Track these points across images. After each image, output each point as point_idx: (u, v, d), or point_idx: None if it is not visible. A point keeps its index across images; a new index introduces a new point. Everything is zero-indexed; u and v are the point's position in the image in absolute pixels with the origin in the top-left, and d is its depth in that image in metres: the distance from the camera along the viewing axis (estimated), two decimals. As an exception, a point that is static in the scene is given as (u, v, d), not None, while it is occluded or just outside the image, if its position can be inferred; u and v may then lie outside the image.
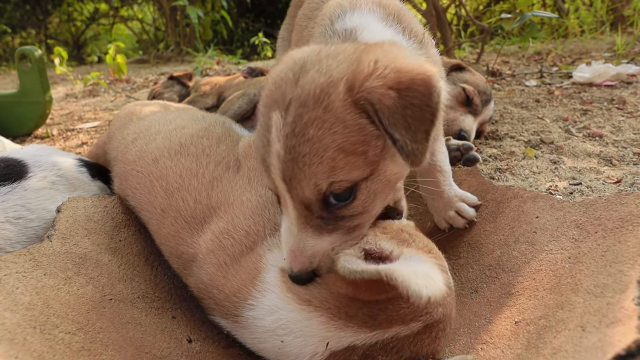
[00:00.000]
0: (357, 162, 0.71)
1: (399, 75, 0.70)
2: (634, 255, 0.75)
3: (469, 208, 1.19)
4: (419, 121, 0.68)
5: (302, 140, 0.70)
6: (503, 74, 3.07)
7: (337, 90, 0.70)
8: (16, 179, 1.07)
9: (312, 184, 0.71)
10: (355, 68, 0.71)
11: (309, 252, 0.77)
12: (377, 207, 0.79)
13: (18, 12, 8.18)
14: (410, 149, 0.68)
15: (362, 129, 0.70)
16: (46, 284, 0.88)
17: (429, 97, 0.69)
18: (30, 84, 2.31)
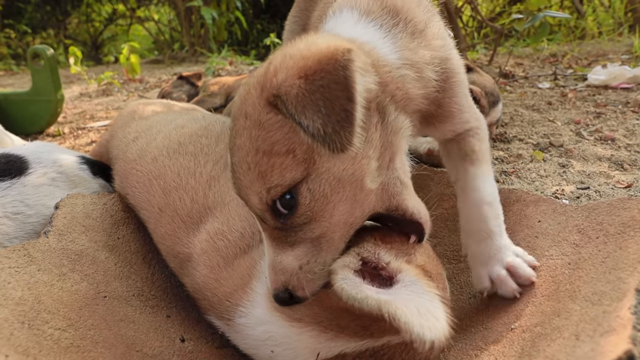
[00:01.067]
0: (285, 162, 0.67)
1: (305, 61, 0.66)
2: (634, 262, 0.72)
3: (526, 267, 0.90)
4: (331, 101, 0.63)
5: (235, 151, 0.72)
6: (516, 76, 3.02)
7: (251, 96, 0.71)
8: (16, 174, 1.08)
9: (253, 194, 0.71)
10: (267, 68, 0.71)
11: (278, 268, 0.75)
12: (338, 212, 0.71)
13: (38, 13, 8.38)
14: (324, 133, 0.62)
15: (281, 127, 0.67)
16: (39, 279, 0.89)
17: (335, 72, 0.63)
18: (42, 83, 2.35)
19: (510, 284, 0.89)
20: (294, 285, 0.74)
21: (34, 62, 2.34)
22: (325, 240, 0.73)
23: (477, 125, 0.99)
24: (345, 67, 0.64)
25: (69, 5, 8.67)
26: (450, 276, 1.15)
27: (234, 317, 0.88)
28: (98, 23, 9.06)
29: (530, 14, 2.17)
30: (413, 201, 0.81)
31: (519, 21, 2.19)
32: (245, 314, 0.86)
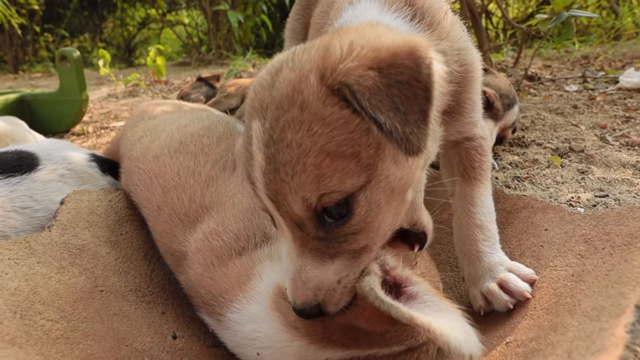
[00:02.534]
0: (348, 167, 0.60)
1: (378, 52, 0.60)
2: (637, 276, 0.67)
3: (519, 280, 0.88)
4: (410, 100, 0.58)
5: (281, 147, 0.61)
6: (542, 78, 2.91)
7: (309, 83, 0.61)
8: (26, 170, 1.12)
9: (299, 198, 0.61)
10: (326, 54, 0.62)
11: (312, 283, 0.67)
12: (384, 223, 0.67)
13: (77, 18, 8.76)
14: (402, 133, 0.57)
15: (347, 124, 0.60)
16: (38, 271, 0.92)
17: (418, 69, 0.58)
18: (68, 83, 2.44)
19: (501, 297, 0.88)
20: (327, 301, 0.68)
21: (62, 64, 2.43)
22: (365, 252, 0.68)
23: (482, 135, 0.96)
24: (429, 66, 0.59)
25: (105, 10, 9.02)
26: (451, 285, 1.11)
27: (226, 313, 0.87)
28: (132, 27, 9.38)
29: (555, 14, 2.08)
30: (426, 215, 0.79)
31: (543, 21, 2.11)
32: (238, 310, 0.86)
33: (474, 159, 0.95)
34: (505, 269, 0.91)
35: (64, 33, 8.21)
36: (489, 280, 0.90)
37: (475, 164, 0.95)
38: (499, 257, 0.93)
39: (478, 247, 0.94)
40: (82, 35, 8.90)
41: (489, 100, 1.58)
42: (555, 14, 2.07)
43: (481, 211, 0.95)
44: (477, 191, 0.96)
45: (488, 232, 0.95)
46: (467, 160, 0.95)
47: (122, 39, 9.40)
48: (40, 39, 7.48)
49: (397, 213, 0.70)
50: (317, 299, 0.68)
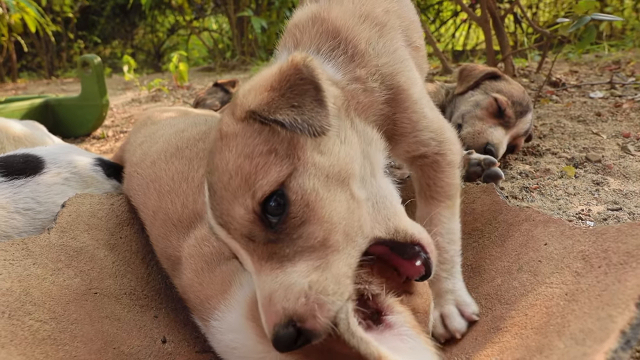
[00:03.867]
0: (269, 160, 0.66)
1: (268, 78, 0.71)
2: (629, 299, 0.62)
3: (459, 319, 0.90)
4: (301, 95, 0.68)
5: (214, 173, 0.70)
6: (566, 84, 2.80)
7: (224, 122, 0.72)
8: (31, 173, 1.16)
9: (238, 206, 0.65)
10: (234, 99, 0.75)
11: (277, 294, 0.61)
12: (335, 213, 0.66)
13: (109, 25, 9.09)
14: (301, 122, 0.65)
15: (259, 133, 0.68)
16: (32, 272, 0.94)
17: (299, 72, 0.69)
18: (90, 89, 2.53)
19: (439, 330, 0.90)
20: (300, 314, 0.59)
21: (84, 70, 2.52)
22: (331, 250, 0.64)
23: (438, 152, 0.94)
24: (307, 66, 0.69)
25: (136, 17, 9.33)
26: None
27: (211, 319, 0.87)
28: (161, 33, 9.65)
29: (576, 17, 2.00)
30: (411, 223, 0.77)
31: (564, 25, 2.03)
32: (220, 317, 0.86)
33: (428, 176, 0.95)
34: (454, 300, 0.91)
35: (96, 39, 8.53)
36: (436, 308, 0.91)
37: (430, 182, 0.95)
38: (452, 285, 0.93)
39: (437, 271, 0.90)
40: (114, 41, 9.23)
41: (500, 107, 1.54)
42: (575, 17, 2.00)
43: (439, 232, 0.93)
44: (434, 210, 0.94)
45: (446, 254, 0.93)
46: (423, 179, 0.96)
47: (152, 45, 9.69)
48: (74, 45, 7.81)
49: (350, 209, 0.68)
50: (287, 313, 0.60)
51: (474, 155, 1.40)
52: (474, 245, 1.15)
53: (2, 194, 1.09)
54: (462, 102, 1.62)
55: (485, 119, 1.53)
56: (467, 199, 1.27)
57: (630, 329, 0.57)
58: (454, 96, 1.69)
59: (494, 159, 1.35)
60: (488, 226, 1.15)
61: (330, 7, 0.91)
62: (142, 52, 9.54)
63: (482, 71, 1.65)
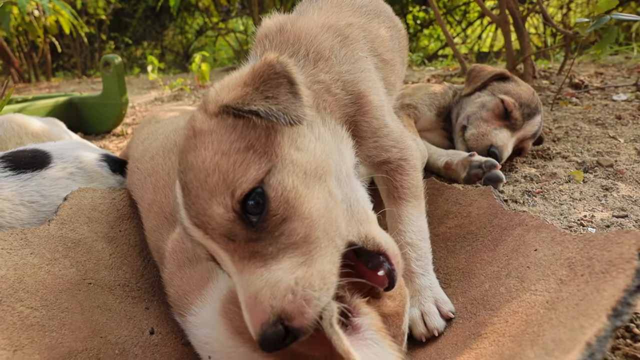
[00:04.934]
0: (246, 158, 0.65)
1: (241, 76, 0.72)
2: (602, 309, 0.59)
3: (438, 318, 0.91)
4: (276, 87, 0.68)
5: (188, 172, 0.67)
6: (589, 86, 2.70)
7: (196, 119, 0.72)
8: (37, 168, 1.21)
9: (216, 205, 0.63)
10: (205, 97, 0.75)
11: (264, 293, 0.60)
12: (315, 210, 0.65)
13: (141, 26, 9.39)
14: (277, 111, 0.65)
15: (233, 127, 0.67)
16: (29, 262, 0.99)
17: (272, 67, 0.70)
18: (110, 88, 2.62)
19: (419, 327, 0.90)
20: (288, 311, 0.59)
21: (105, 70, 2.61)
22: (314, 246, 0.64)
23: (400, 157, 0.98)
24: (280, 62, 0.71)
25: (167, 19, 9.59)
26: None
27: (187, 315, 0.89)
28: (190, 35, 9.88)
29: (596, 16, 1.92)
30: (380, 231, 0.76)
31: (583, 25, 1.95)
32: (195, 313, 0.87)
33: (395, 178, 0.98)
34: (432, 297, 0.93)
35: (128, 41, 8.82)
36: (416, 305, 0.92)
37: (397, 184, 0.98)
38: (429, 281, 0.95)
39: (410, 266, 0.95)
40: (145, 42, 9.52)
41: (507, 109, 1.50)
42: (595, 17, 1.92)
43: (411, 229, 0.97)
44: (404, 210, 0.98)
45: (419, 251, 0.96)
46: (390, 181, 0.99)
47: (181, 46, 9.94)
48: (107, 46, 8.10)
49: (328, 207, 0.67)
50: (275, 311, 0.59)
51: (475, 157, 1.37)
52: (467, 249, 1.12)
53: (8, 187, 1.14)
54: (469, 104, 1.59)
55: (490, 120, 1.49)
56: (464, 201, 1.24)
57: (597, 341, 0.54)
58: (461, 97, 1.66)
59: (495, 161, 1.32)
60: (482, 230, 1.13)
61: (295, 18, 0.97)
62: (171, 53, 9.80)
63: (490, 72, 1.61)
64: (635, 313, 0.78)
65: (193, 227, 0.67)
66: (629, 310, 0.57)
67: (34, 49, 5.89)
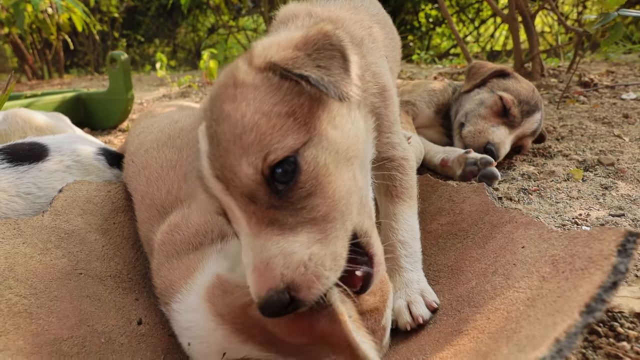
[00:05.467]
0: (286, 124, 0.63)
1: (292, 39, 0.70)
2: (576, 306, 0.58)
3: (424, 307, 0.90)
4: (329, 59, 0.66)
5: (220, 121, 0.65)
6: (598, 84, 2.64)
7: (239, 69, 0.69)
8: (34, 160, 1.24)
9: (245, 163, 0.62)
10: (251, 50, 0.73)
11: (277, 261, 0.60)
12: (339, 190, 0.66)
13: (154, 24, 9.49)
14: (327, 82, 0.63)
15: (278, 88, 0.66)
16: (20, 251, 1.00)
17: (329, 39, 0.68)
18: (116, 84, 2.65)
19: (404, 317, 0.90)
20: (297, 283, 0.60)
21: (111, 66, 2.64)
22: (331, 227, 0.64)
23: (403, 156, 1.01)
24: (337, 35, 0.69)
25: (179, 17, 9.68)
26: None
27: (172, 303, 0.90)
28: (202, 33, 9.96)
29: (603, 13, 1.88)
30: (377, 236, 0.76)
31: (590, 22, 1.91)
32: (180, 300, 0.88)
33: (395, 177, 0.99)
34: (419, 289, 0.93)
35: (140, 38, 8.92)
36: (402, 297, 0.92)
37: (397, 182, 0.99)
38: (417, 276, 0.96)
39: (400, 262, 0.96)
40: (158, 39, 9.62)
41: (505, 106, 1.47)
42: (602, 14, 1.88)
43: (404, 228, 0.98)
44: (399, 209, 0.99)
45: (410, 249, 0.98)
46: (389, 180, 0.99)
47: (193, 44, 10.02)
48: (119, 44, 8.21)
49: (350, 190, 0.68)
50: (285, 280, 0.59)
51: (471, 154, 1.35)
52: (458, 246, 1.11)
53: (5, 179, 1.17)
54: (468, 101, 1.57)
55: (488, 117, 1.47)
56: (457, 198, 1.23)
57: (566, 338, 0.53)
58: (460, 94, 1.64)
59: (491, 158, 1.30)
60: (474, 227, 1.11)
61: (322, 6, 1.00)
62: (183, 51, 9.88)
63: (490, 69, 1.58)
64: (620, 312, 0.76)
65: (214, 179, 0.66)
66: (603, 306, 0.55)
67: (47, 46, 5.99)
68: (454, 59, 5.32)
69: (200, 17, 9.75)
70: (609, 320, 0.76)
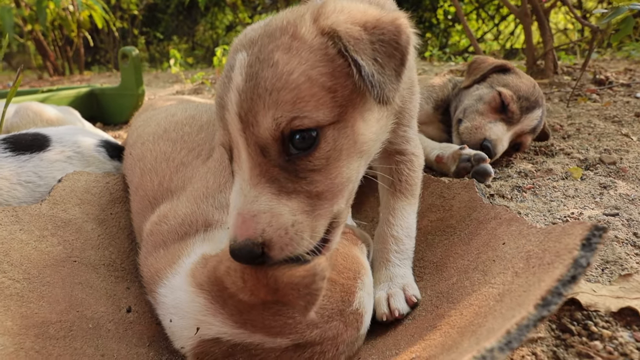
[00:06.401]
0: (324, 98, 0.64)
1: (365, 15, 0.68)
2: (533, 300, 0.58)
3: (402, 301, 0.91)
4: (388, 57, 0.65)
5: (266, 65, 0.64)
6: (613, 82, 2.57)
7: (303, 21, 0.68)
8: (36, 150, 1.28)
9: (271, 116, 0.62)
10: (321, 6, 0.70)
11: (264, 216, 0.63)
12: (341, 175, 0.68)
13: (173, 22, 9.64)
14: (377, 80, 0.63)
15: (332, 60, 0.65)
16: (17, 237, 1.05)
17: (398, 36, 0.66)
18: (128, 79, 2.71)
19: (381, 307, 0.90)
20: (274, 242, 0.63)
21: (123, 62, 2.70)
22: (320, 205, 0.67)
23: (414, 152, 1.01)
24: (408, 36, 0.68)
25: (198, 15, 9.81)
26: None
27: (157, 289, 0.92)
28: (220, 30, 10.07)
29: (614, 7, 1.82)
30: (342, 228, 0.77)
31: (600, 17, 1.86)
32: (165, 284, 0.90)
33: (402, 172, 0.99)
34: (401, 284, 0.93)
35: (159, 35, 9.08)
36: (384, 289, 0.93)
37: (403, 178, 0.99)
38: (403, 272, 0.96)
39: (389, 256, 0.97)
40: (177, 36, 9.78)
41: (504, 101, 1.45)
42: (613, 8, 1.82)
43: (400, 224, 0.99)
44: (400, 204, 1.00)
45: (402, 245, 0.98)
46: (396, 173, 0.99)
47: (211, 41, 10.14)
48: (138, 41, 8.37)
49: (351, 179, 0.71)
50: (264, 236, 0.63)
51: (465, 150, 1.34)
52: (445, 242, 1.10)
53: (7, 167, 1.21)
54: (467, 96, 1.55)
55: (486, 113, 1.45)
56: (448, 194, 1.22)
57: (517, 330, 0.53)
58: (460, 90, 1.62)
59: (485, 155, 1.29)
60: (461, 223, 1.10)
61: None
62: (202, 48, 10.01)
63: (490, 64, 1.56)
64: (596, 310, 0.75)
65: (235, 116, 0.66)
66: (559, 300, 0.55)
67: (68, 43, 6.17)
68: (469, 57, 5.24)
69: (219, 14, 9.85)
70: (583, 319, 0.74)
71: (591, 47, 2.71)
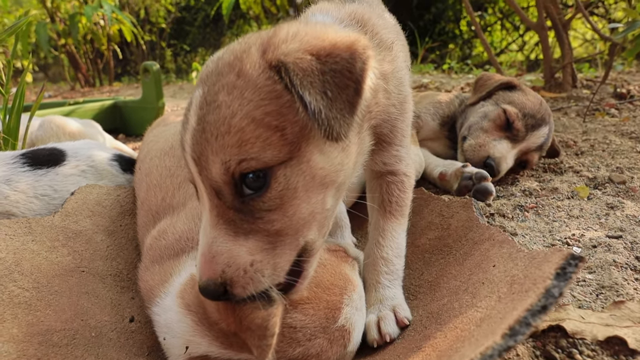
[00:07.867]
0: (271, 138, 0.62)
1: (320, 41, 0.65)
2: (502, 328, 0.58)
3: (393, 324, 0.90)
4: (340, 88, 0.61)
5: (211, 108, 0.64)
6: (635, 96, 2.49)
7: (250, 55, 0.66)
8: (52, 164, 1.36)
9: (219, 160, 0.63)
10: (273, 34, 0.68)
11: (221, 258, 0.65)
12: (300, 212, 0.67)
13: (200, 34, 9.93)
14: (324, 117, 0.60)
15: (277, 98, 0.62)
16: (29, 247, 1.11)
17: (352, 62, 0.62)
18: (149, 92, 2.82)
19: (372, 332, 0.89)
20: (234, 281, 0.65)
21: (145, 76, 2.82)
22: (280, 241, 0.67)
23: (405, 172, 0.99)
24: (364, 62, 0.64)
25: (224, 27, 10.07)
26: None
27: (152, 306, 0.96)
28: (244, 42, 10.30)
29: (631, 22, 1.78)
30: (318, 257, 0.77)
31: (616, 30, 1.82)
32: (159, 303, 0.94)
33: (392, 193, 0.98)
34: (392, 306, 0.92)
35: (186, 47, 9.36)
36: (374, 312, 0.92)
37: (393, 199, 0.98)
38: (393, 293, 0.95)
39: (379, 278, 0.96)
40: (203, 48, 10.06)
41: (509, 119, 1.44)
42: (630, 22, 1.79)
43: (389, 245, 0.98)
44: (390, 225, 0.99)
45: (392, 266, 0.97)
46: (387, 194, 0.98)
47: (235, 53, 10.38)
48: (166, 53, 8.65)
49: (314, 213, 0.68)
50: (224, 277, 0.65)
51: (467, 168, 1.33)
52: (441, 261, 1.10)
53: (24, 181, 1.29)
54: (472, 113, 1.54)
55: (490, 131, 1.44)
56: (447, 213, 1.22)
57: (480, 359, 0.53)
58: (466, 106, 1.61)
59: (486, 173, 1.28)
60: (457, 243, 1.10)
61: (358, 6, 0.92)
62: (226, 60, 10.25)
63: (496, 81, 1.55)
64: (582, 338, 0.74)
65: (191, 160, 0.67)
66: (527, 330, 0.55)
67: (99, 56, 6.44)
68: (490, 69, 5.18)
69: (244, 26, 10.09)
70: (568, 347, 0.73)
71: (611, 60, 2.64)
